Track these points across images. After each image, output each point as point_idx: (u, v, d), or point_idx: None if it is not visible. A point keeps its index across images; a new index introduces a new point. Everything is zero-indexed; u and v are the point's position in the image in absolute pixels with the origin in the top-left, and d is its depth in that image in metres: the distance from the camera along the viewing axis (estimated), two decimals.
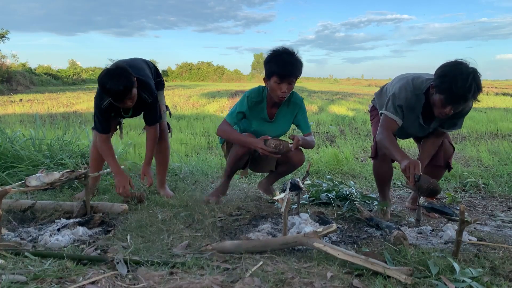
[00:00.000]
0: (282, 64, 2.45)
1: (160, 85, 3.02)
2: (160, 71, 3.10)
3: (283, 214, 1.90)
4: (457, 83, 2.10)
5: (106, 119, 2.71)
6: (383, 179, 2.68)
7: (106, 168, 2.87)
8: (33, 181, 2.07)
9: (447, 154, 2.63)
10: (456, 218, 1.97)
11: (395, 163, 2.70)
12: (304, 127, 2.77)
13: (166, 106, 3.08)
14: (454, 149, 2.68)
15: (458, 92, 2.10)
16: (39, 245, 1.88)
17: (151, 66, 2.97)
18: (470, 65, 2.14)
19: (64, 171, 2.22)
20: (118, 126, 2.99)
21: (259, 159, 2.82)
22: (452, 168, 2.72)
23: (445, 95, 2.16)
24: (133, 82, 2.48)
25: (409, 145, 5.39)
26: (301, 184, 2.35)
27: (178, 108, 11.83)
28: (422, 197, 2.31)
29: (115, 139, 3.89)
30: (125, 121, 3.17)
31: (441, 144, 2.60)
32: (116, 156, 2.85)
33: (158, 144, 3.01)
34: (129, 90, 2.46)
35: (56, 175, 2.14)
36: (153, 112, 2.79)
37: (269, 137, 2.46)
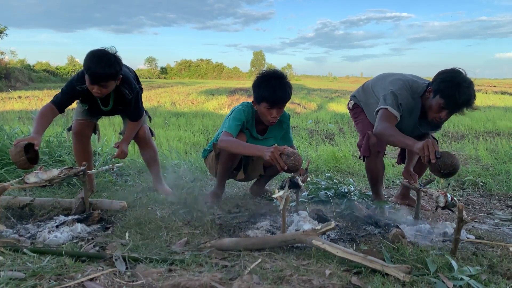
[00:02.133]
0: (272, 91, 2.41)
1: (139, 92, 2.93)
2: (159, 68, 3.08)
3: (281, 211, 1.90)
4: (461, 90, 2.20)
5: (70, 99, 2.59)
6: (376, 177, 2.70)
7: (102, 165, 2.87)
8: (32, 178, 2.06)
9: None
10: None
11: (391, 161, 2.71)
12: (288, 140, 2.80)
13: (146, 111, 3.00)
14: (437, 142, 2.77)
15: (460, 99, 2.21)
16: (37, 242, 1.87)
17: (132, 71, 2.89)
18: (467, 76, 2.29)
19: (63, 168, 2.22)
20: (94, 128, 2.87)
21: (246, 166, 2.80)
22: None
23: (447, 100, 2.25)
24: (117, 74, 2.43)
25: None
26: (300, 182, 2.35)
27: (177, 106, 11.82)
28: (441, 177, 2.22)
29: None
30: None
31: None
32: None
33: (143, 151, 2.98)
34: (109, 78, 2.40)
35: (54, 172, 2.14)
36: (135, 107, 2.73)
37: (287, 148, 2.13)
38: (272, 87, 2.41)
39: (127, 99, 2.66)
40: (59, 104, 2.54)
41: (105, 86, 2.43)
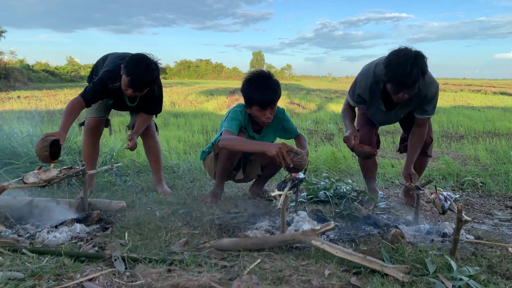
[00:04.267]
0: (261, 93, 2.39)
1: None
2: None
3: (281, 211, 1.90)
4: (397, 71, 2.16)
5: (100, 96, 2.62)
6: (367, 172, 2.86)
7: (101, 165, 2.87)
8: (31, 178, 2.06)
9: (425, 144, 2.71)
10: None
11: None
12: (292, 131, 2.80)
13: None
14: (432, 140, 2.79)
15: (400, 79, 2.18)
16: (36, 242, 1.87)
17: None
18: (413, 49, 2.20)
19: (62, 168, 2.22)
20: (106, 123, 2.94)
21: (245, 166, 2.81)
22: (430, 156, 2.84)
23: (391, 83, 2.26)
24: (156, 80, 2.54)
25: None
26: (301, 175, 2.24)
27: (177, 106, 11.81)
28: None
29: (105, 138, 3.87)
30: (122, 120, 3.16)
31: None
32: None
33: (147, 141, 3.02)
34: (149, 86, 2.51)
35: (53, 172, 2.13)
36: (157, 104, 2.81)
37: (295, 149, 2.09)
38: (260, 88, 2.39)
39: (152, 96, 2.72)
40: (89, 99, 2.56)
41: (141, 91, 2.51)
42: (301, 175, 2.25)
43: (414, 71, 2.13)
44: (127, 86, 2.47)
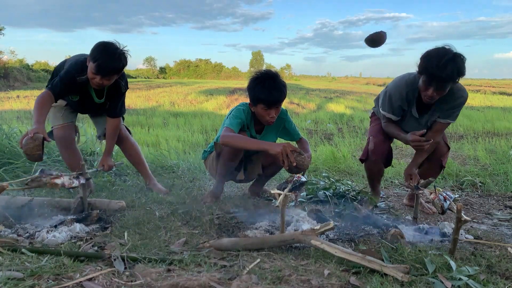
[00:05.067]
0: (268, 92, 2.41)
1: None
2: (158, 68, 3.09)
3: (280, 211, 1.90)
4: (432, 62, 2.17)
5: (68, 90, 2.54)
6: (372, 177, 2.84)
7: (99, 165, 2.85)
8: (34, 183, 2.07)
9: (441, 153, 2.65)
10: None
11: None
12: (295, 134, 2.78)
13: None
14: (448, 148, 2.72)
15: (433, 71, 2.18)
16: (36, 241, 1.87)
17: None
18: (455, 51, 2.21)
19: (65, 178, 2.19)
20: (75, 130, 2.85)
21: (246, 166, 2.81)
22: (444, 167, 2.73)
23: (424, 75, 2.25)
24: (123, 68, 2.50)
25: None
26: (303, 178, 2.20)
27: (176, 105, 11.81)
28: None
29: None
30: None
31: (437, 147, 2.62)
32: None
33: (122, 145, 2.97)
34: (116, 73, 2.47)
35: (59, 181, 2.13)
36: (120, 104, 2.76)
37: (298, 150, 2.16)
38: (267, 88, 2.41)
39: (119, 93, 2.68)
40: (58, 93, 2.49)
41: (109, 78, 2.46)
42: (303, 178, 2.25)
43: (449, 66, 2.14)
44: (94, 73, 2.41)
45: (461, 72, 2.19)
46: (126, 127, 3.02)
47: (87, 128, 4.58)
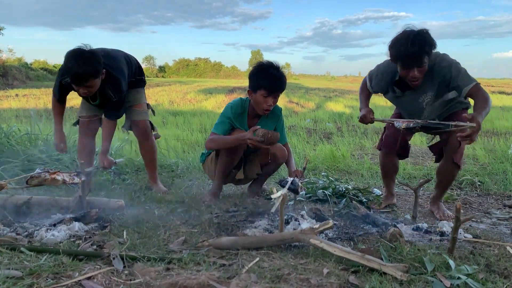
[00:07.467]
0: (271, 79, 2.50)
1: (141, 83, 2.93)
2: (157, 67, 3.08)
3: (279, 210, 1.90)
4: (400, 45, 2.20)
5: (64, 93, 2.72)
6: (384, 170, 2.78)
7: (99, 164, 2.85)
8: (34, 182, 2.07)
9: (452, 146, 2.45)
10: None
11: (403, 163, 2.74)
12: (282, 138, 2.76)
13: (148, 104, 2.97)
14: (460, 144, 2.43)
15: (404, 52, 2.19)
16: (35, 240, 1.87)
17: (134, 62, 2.82)
18: (417, 29, 2.23)
19: (64, 176, 2.19)
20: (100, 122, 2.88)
21: (244, 165, 2.82)
22: (460, 166, 2.51)
23: (398, 61, 2.27)
24: (98, 72, 2.38)
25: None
26: (299, 189, 2.26)
27: (175, 104, 11.81)
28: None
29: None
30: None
31: (449, 141, 2.45)
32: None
33: (142, 145, 2.98)
34: (89, 77, 2.35)
35: (58, 177, 2.13)
36: (114, 109, 2.71)
37: (258, 127, 2.45)
38: (270, 75, 2.51)
39: (110, 101, 2.64)
40: (59, 98, 2.73)
41: (89, 85, 2.40)
42: (298, 186, 2.27)
43: (416, 41, 2.15)
44: (70, 83, 2.43)
45: (429, 42, 2.20)
46: (151, 123, 3.00)
47: None
